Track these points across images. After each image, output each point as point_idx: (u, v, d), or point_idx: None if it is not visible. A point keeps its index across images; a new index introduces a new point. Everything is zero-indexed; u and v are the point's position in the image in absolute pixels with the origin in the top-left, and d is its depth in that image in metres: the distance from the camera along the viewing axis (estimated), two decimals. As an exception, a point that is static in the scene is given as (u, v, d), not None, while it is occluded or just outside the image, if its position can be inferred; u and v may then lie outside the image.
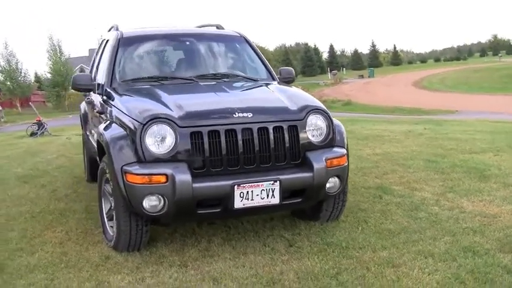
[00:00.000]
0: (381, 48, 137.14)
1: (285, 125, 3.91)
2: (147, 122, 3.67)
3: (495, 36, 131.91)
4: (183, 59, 5.27)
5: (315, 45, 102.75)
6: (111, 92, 4.57)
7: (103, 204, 4.33)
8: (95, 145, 4.75)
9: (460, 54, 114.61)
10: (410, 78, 57.62)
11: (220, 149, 3.72)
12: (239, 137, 3.76)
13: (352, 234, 4.19)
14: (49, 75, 48.35)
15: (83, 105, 6.60)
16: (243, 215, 4.37)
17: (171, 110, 3.82)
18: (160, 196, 3.61)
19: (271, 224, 4.57)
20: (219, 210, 3.76)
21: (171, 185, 3.55)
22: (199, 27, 6.10)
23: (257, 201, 3.75)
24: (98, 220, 4.53)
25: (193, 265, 3.71)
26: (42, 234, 4.54)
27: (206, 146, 3.70)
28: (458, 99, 32.33)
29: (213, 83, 4.79)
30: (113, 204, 4.07)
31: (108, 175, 4.02)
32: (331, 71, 76.67)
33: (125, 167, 3.67)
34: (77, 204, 5.52)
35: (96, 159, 5.66)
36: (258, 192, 3.73)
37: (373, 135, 10.36)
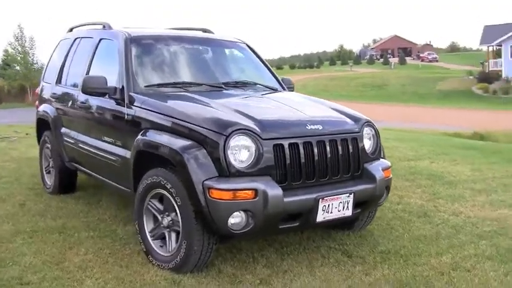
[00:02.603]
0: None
1: (349, 137, 3.96)
2: (230, 134, 3.46)
3: (341, 46, 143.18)
4: (199, 64, 5.02)
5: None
6: (141, 97, 4.19)
7: (145, 222, 3.94)
8: (123, 154, 4.26)
9: (310, 62, 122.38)
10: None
11: (299, 161, 3.65)
12: (315, 149, 3.73)
13: (396, 242, 4.37)
14: None
15: (51, 109, 5.84)
16: (316, 227, 4.33)
17: (248, 120, 3.64)
18: (247, 212, 3.43)
19: (307, 235, 4.56)
20: (297, 224, 3.69)
21: (261, 200, 3.39)
22: (183, 29, 5.82)
23: (335, 214, 3.76)
24: (128, 239, 4.12)
25: (276, 282, 3.57)
26: (67, 258, 3.97)
27: (288, 158, 3.60)
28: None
29: (247, 91, 4.71)
30: (165, 222, 3.77)
31: (162, 190, 3.69)
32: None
33: (206, 182, 3.40)
34: (70, 221, 4.90)
35: (71, 170, 5.62)
36: (336, 205, 3.74)
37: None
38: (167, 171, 3.70)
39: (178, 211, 3.61)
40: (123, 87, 4.37)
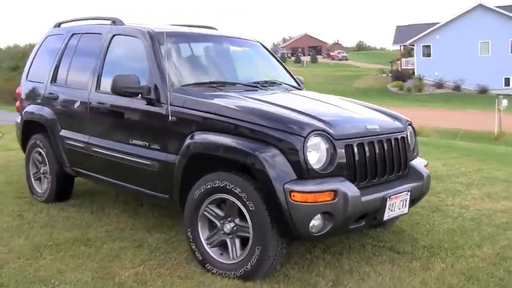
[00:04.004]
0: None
1: (399, 136, 4.03)
2: (308, 135, 3.38)
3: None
4: (226, 63, 4.86)
5: None
6: (183, 96, 3.97)
7: (199, 229, 3.74)
8: (163, 158, 4.00)
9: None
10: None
11: (365, 161, 3.66)
12: (376, 148, 3.75)
13: (431, 237, 4.51)
14: None
15: (45, 110, 5.33)
16: (378, 225, 4.31)
17: (317, 120, 3.58)
18: (327, 214, 3.37)
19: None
20: (364, 223, 3.69)
21: (341, 201, 3.36)
22: (187, 26, 5.60)
23: (396, 212, 3.82)
24: (172, 246, 3.92)
25: (349, 283, 3.55)
26: (115, 272, 3.67)
27: (357, 158, 3.60)
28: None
29: (280, 90, 4.64)
30: (226, 228, 3.62)
31: (226, 195, 3.54)
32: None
33: (287, 185, 3.30)
34: (87, 231, 4.53)
35: (70, 176, 5.30)
36: (398, 203, 3.80)
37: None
38: (233, 175, 3.53)
39: (248, 216, 3.46)
40: (156, 86, 4.11)
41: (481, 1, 43.42)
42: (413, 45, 47.50)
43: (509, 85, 42.96)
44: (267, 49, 5.37)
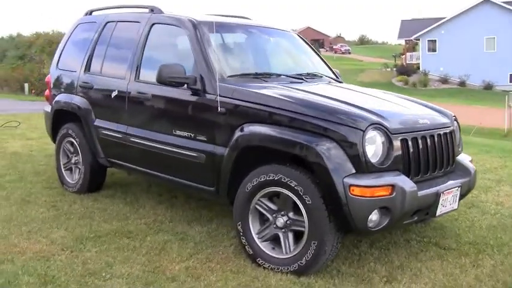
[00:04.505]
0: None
1: (447, 131, 3.97)
2: (366, 128, 3.32)
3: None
4: (269, 54, 4.81)
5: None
6: (232, 87, 3.90)
7: (250, 223, 3.68)
8: (211, 150, 3.93)
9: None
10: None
11: (419, 155, 3.60)
12: (428, 143, 3.69)
13: (474, 233, 4.46)
14: None
15: (78, 99, 5.26)
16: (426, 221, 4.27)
17: (372, 114, 3.51)
18: (384, 209, 3.32)
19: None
20: (416, 218, 3.64)
21: (399, 196, 3.31)
22: (225, 16, 5.52)
23: (447, 208, 3.78)
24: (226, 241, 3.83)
25: (403, 279, 3.51)
26: (165, 266, 3.62)
27: (411, 153, 3.54)
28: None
29: (325, 83, 4.58)
30: (279, 222, 3.57)
31: (280, 188, 3.48)
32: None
33: (347, 179, 3.25)
34: (126, 223, 4.48)
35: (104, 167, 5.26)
36: (449, 199, 3.75)
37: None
38: (289, 168, 3.47)
39: (304, 210, 3.40)
40: (202, 77, 4.04)
41: (488, -4, 43.33)
42: (419, 40, 47.36)
43: (515, 81, 42.94)
44: (304, 40, 5.30)
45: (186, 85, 4.07)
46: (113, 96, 4.85)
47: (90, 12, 5.72)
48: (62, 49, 5.78)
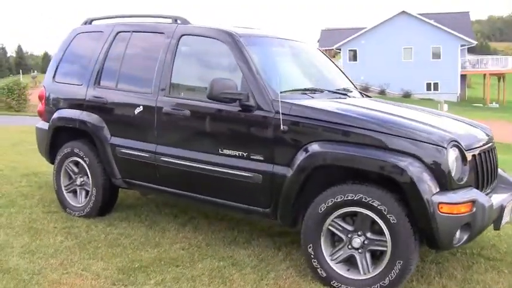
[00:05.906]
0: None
1: (493, 146, 4.09)
2: (447, 146, 3.34)
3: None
4: (307, 68, 4.73)
5: (2, 45, 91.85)
6: (288, 104, 3.75)
7: (322, 245, 3.55)
8: (269, 170, 3.74)
9: None
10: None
11: (477, 171, 3.66)
12: (483, 158, 3.78)
13: (508, 242, 4.61)
14: None
15: (88, 115, 4.81)
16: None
17: (444, 131, 3.52)
18: (466, 225, 3.33)
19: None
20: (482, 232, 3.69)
21: (480, 212, 3.34)
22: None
23: (505, 220, 3.84)
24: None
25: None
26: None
27: (479, 168, 3.61)
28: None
29: (360, 97, 4.59)
30: (355, 243, 3.46)
31: (359, 208, 3.39)
32: (22, 73, 69.70)
33: (435, 197, 3.22)
34: (164, 250, 4.16)
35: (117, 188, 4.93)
36: (507, 211, 3.83)
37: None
38: (369, 187, 3.38)
39: (387, 229, 3.32)
40: (254, 92, 3.85)
41: (405, 8, 45.96)
42: (340, 50, 49.16)
43: (430, 90, 45.83)
44: (324, 54, 5.24)
45: (238, 101, 3.86)
46: (136, 113, 4.48)
47: (90, 22, 5.28)
48: (59, 61, 5.27)
